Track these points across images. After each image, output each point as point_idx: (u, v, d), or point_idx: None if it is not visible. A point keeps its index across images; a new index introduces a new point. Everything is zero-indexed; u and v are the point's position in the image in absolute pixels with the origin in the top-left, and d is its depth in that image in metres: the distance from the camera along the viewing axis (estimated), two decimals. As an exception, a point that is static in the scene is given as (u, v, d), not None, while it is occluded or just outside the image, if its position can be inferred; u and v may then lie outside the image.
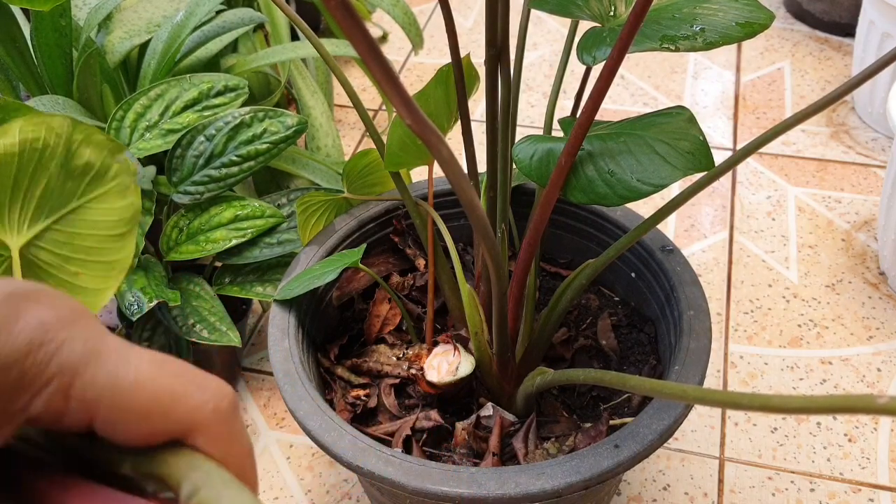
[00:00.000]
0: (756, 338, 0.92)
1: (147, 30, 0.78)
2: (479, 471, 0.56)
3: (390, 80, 0.30)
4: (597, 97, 0.50)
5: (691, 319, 0.64)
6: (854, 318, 0.94)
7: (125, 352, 0.21)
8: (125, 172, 0.50)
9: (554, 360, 0.73)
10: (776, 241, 1.03)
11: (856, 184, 1.10)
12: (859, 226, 1.04)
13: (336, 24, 0.26)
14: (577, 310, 0.77)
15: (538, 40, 1.40)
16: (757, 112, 1.23)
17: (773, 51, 1.34)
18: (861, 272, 0.99)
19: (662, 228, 1.04)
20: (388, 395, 0.69)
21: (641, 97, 1.27)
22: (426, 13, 1.48)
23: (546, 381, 0.61)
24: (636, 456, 0.56)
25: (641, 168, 0.53)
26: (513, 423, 0.66)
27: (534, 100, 1.27)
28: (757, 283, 0.98)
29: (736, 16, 0.55)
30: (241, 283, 0.79)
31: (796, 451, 0.82)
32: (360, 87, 1.32)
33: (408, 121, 0.33)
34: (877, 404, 0.30)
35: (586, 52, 0.54)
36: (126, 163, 0.50)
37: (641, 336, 0.74)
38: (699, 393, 0.42)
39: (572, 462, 0.56)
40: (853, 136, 1.17)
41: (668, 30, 0.54)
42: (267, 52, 0.89)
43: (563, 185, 0.54)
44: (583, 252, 0.78)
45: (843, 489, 0.78)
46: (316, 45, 0.63)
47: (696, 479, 0.80)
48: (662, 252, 0.70)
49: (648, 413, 0.58)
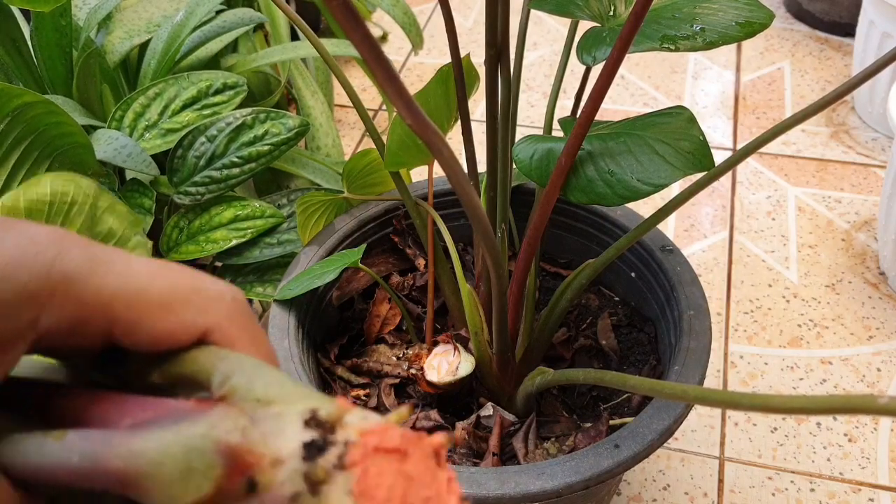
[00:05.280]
0: (756, 338, 0.92)
1: (147, 30, 0.78)
2: (479, 471, 0.56)
3: (391, 79, 0.30)
4: (597, 97, 0.50)
5: (691, 319, 0.64)
6: (854, 317, 0.94)
7: (126, 255, 0.20)
8: (142, 247, 0.51)
9: (554, 360, 0.73)
10: (776, 240, 1.03)
11: (856, 184, 1.10)
12: (859, 226, 1.04)
13: (336, 23, 0.26)
14: (577, 310, 0.77)
15: (538, 40, 1.40)
16: (757, 112, 1.23)
17: (773, 51, 1.34)
18: (861, 272, 0.99)
19: (662, 228, 1.04)
20: (388, 395, 0.69)
21: (641, 97, 1.27)
22: (426, 13, 1.48)
23: (546, 380, 0.61)
24: (636, 456, 0.56)
25: (641, 168, 0.53)
26: (513, 422, 0.66)
27: (534, 100, 1.27)
28: (757, 282, 0.98)
29: (735, 15, 0.54)
30: (242, 284, 0.79)
31: (796, 451, 0.82)
32: (360, 87, 1.32)
33: (408, 120, 0.32)
34: (877, 404, 0.30)
35: (586, 52, 0.54)
36: (143, 239, 0.51)
37: (641, 336, 0.74)
38: (699, 393, 0.42)
39: (572, 462, 0.56)
40: (853, 136, 1.17)
41: (667, 29, 0.54)
42: (267, 51, 0.89)
43: (563, 185, 0.54)
44: (583, 252, 0.78)
45: (843, 489, 0.78)
46: (316, 44, 0.63)
47: (696, 479, 0.80)
48: (662, 252, 0.70)
49: (648, 413, 0.58)
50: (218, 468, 0.18)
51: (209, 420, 0.18)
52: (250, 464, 0.18)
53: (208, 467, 0.18)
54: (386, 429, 0.18)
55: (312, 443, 0.18)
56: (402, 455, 0.18)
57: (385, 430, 0.18)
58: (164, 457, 0.18)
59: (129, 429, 0.19)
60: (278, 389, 0.19)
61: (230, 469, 0.18)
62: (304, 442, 0.18)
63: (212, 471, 0.18)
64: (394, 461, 0.18)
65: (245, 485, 0.18)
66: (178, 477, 0.18)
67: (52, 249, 0.19)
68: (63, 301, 0.19)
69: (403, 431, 0.18)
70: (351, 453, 0.17)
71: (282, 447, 0.18)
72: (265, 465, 0.18)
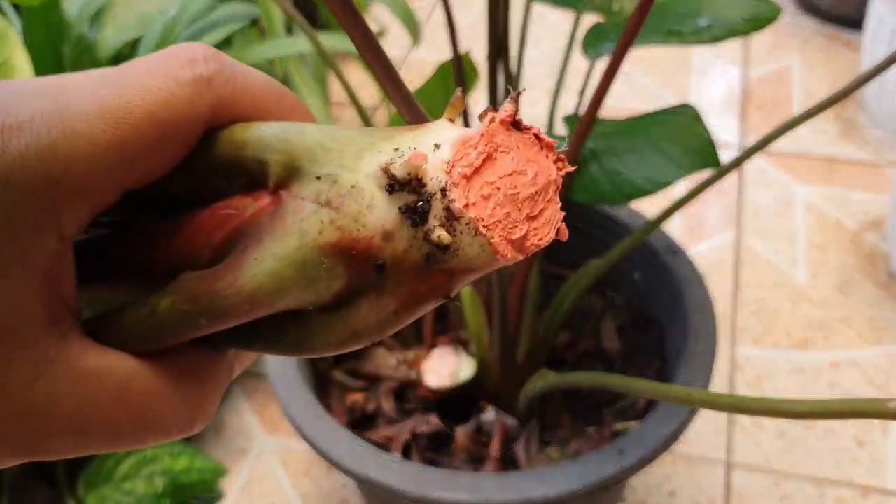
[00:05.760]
0: (763, 340, 0.91)
1: (140, 25, 0.77)
2: (481, 476, 0.55)
3: (389, 76, 0.29)
4: (600, 94, 0.49)
5: (697, 321, 0.63)
6: (863, 319, 0.92)
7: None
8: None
9: (557, 363, 0.72)
10: (783, 241, 1.02)
11: (865, 183, 1.08)
12: (868, 226, 1.03)
13: (334, 18, 0.25)
14: (581, 312, 0.76)
15: (540, 36, 1.38)
16: (764, 109, 1.21)
17: (781, 46, 1.32)
18: (870, 273, 0.97)
19: (668, 228, 1.03)
20: (386, 399, 0.68)
21: (646, 95, 1.25)
22: (427, 9, 1.47)
23: (549, 384, 0.60)
24: (641, 461, 0.55)
25: (646, 167, 0.51)
26: (514, 427, 0.65)
27: (536, 97, 1.25)
28: (764, 283, 0.97)
29: (742, 10, 0.53)
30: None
31: (804, 455, 0.80)
32: (358, 84, 1.30)
33: (407, 118, 0.31)
34: (886, 408, 0.29)
35: (590, 47, 0.53)
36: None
37: (646, 338, 0.73)
38: (705, 397, 0.41)
39: (575, 468, 0.55)
40: (862, 135, 1.16)
41: (673, 24, 0.53)
42: (263, 47, 0.88)
43: (567, 184, 0.52)
44: (586, 252, 0.77)
45: (852, 495, 0.77)
46: (313, 40, 0.61)
47: (702, 485, 0.78)
48: (668, 252, 0.69)
49: (653, 417, 0.57)
50: (338, 266, 0.17)
51: (291, 229, 0.18)
52: (364, 248, 0.17)
53: (328, 270, 0.18)
54: (465, 147, 0.17)
55: (409, 207, 0.17)
56: (501, 153, 0.17)
57: (465, 150, 0.17)
58: (280, 281, 0.18)
59: (224, 267, 0.18)
60: (334, 154, 0.18)
61: (349, 261, 0.17)
62: (400, 208, 0.17)
63: (334, 269, 0.18)
64: (493, 168, 0.17)
65: (374, 268, 0.17)
66: (305, 285, 0.18)
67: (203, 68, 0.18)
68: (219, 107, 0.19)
69: (482, 135, 0.17)
70: (451, 195, 0.17)
71: (382, 221, 0.17)
72: (378, 243, 0.17)
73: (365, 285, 0.18)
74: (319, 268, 0.18)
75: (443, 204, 0.17)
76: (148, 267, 0.20)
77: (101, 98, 0.17)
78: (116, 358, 0.18)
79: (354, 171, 0.17)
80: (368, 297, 0.18)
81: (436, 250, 0.17)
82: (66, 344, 0.17)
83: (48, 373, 0.17)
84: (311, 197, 0.18)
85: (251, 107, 0.19)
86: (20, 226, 0.16)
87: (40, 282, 0.17)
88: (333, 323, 0.19)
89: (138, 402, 0.18)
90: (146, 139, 0.17)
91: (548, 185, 0.18)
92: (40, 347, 0.17)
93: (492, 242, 0.17)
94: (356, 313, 0.18)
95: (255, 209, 0.19)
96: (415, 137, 0.17)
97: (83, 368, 0.17)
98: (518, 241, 0.17)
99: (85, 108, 0.17)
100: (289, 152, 0.18)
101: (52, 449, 0.18)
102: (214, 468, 0.69)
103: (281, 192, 0.18)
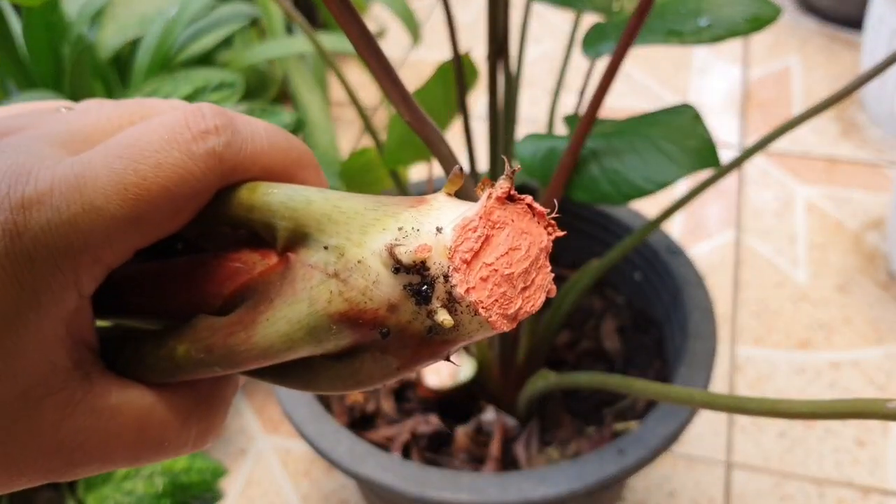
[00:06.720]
0: (763, 340, 0.91)
1: (139, 25, 0.77)
2: (481, 477, 0.55)
3: (389, 76, 0.29)
4: (601, 93, 0.48)
5: (697, 321, 0.63)
6: (863, 320, 0.92)
7: (242, 116, 0.21)
8: None
9: (557, 363, 0.72)
10: (784, 241, 1.01)
11: (865, 183, 1.08)
12: (869, 226, 1.02)
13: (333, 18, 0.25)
14: (581, 312, 0.75)
15: (540, 36, 1.38)
16: (764, 109, 1.21)
17: (782, 46, 1.32)
18: (871, 273, 0.97)
19: (668, 228, 1.03)
20: (386, 400, 0.68)
21: (646, 95, 1.25)
22: (427, 9, 1.47)
23: (548, 384, 0.60)
24: (641, 462, 0.55)
25: (646, 167, 0.51)
26: (514, 427, 0.65)
27: (536, 97, 1.25)
28: (764, 284, 0.97)
29: (742, 10, 0.53)
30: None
31: (804, 456, 0.80)
32: (358, 84, 1.30)
33: (407, 117, 0.31)
34: (886, 409, 0.29)
35: (590, 47, 0.53)
36: None
37: (646, 338, 0.73)
38: (705, 397, 0.41)
39: (575, 468, 0.55)
40: (862, 135, 1.16)
41: (673, 24, 0.52)
42: (263, 47, 0.88)
43: (567, 184, 0.52)
44: (586, 252, 0.77)
45: (853, 495, 0.77)
46: (312, 40, 0.61)
47: (702, 485, 0.78)
48: (668, 252, 0.69)
49: (653, 417, 0.57)
50: (346, 330, 0.19)
51: (301, 295, 0.19)
52: (371, 318, 0.18)
53: (336, 333, 0.19)
54: (465, 232, 0.18)
55: (413, 288, 0.18)
56: (497, 230, 0.18)
57: (466, 235, 0.18)
58: (291, 342, 0.19)
59: (238, 322, 0.20)
60: (340, 226, 0.19)
61: (355, 328, 0.19)
62: (404, 286, 0.18)
63: (341, 332, 0.19)
64: (491, 248, 0.18)
65: (378, 334, 0.19)
66: (314, 344, 0.19)
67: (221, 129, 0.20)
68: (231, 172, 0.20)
69: (481, 216, 0.18)
70: (453, 280, 0.18)
71: (388, 295, 0.18)
72: (384, 313, 0.18)
73: (370, 345, 0.19)
74: (328, 332, 0.19)
75: (445, 288, 0.18)
76: (160, 304, 0.22)
77: (118, 173, 0.18)
78: (137, 394, 0.20)
79: (361, 247, 0.18)
80: (373, 353, 0.19)
81: (438, 326, 0.18)
82: (89, 385, 0.19)
83: (76, 412, 0.19)
84: (319, 266, 0.19)
85: (260, 172, 0.21)
86: (45, 292, 0.18)
87: (63, 334, 0.18)
88: (339, 371, 0.20)
89: (157, 433, 0.20)
90: (161, 212, 0.19)
91: (539, 253, 0.19)
92: (67, 391, 0.18)
93: (489, 320, 0.18)
94: (360, 366, 0.20)
95: (264, 267, 0.20)
96: (418, 217, 0.18)
97: (106, 406, 0.19)
98: (513, 314, 0.18)
99: (102, 183, 0.18)
100: (296, 220, 0.19)
101: (79, 475, 0.19)
102: (214, 468, 0.69)
103: (289, 254, 0.19)
